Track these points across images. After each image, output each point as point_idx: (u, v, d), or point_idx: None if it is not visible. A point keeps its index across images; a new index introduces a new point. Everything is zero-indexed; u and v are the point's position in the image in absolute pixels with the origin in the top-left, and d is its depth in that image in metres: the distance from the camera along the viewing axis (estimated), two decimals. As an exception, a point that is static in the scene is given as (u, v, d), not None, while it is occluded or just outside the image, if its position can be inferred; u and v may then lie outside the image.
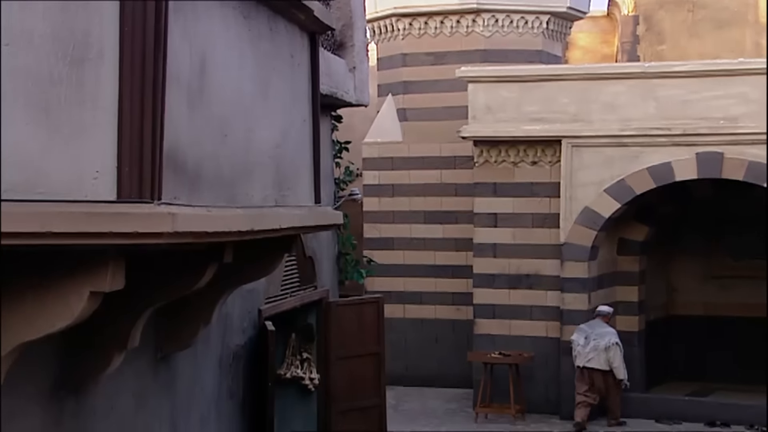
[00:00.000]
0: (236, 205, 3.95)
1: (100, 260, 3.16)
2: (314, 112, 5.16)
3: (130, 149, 3.10)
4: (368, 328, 9.06)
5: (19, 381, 3.73)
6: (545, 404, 12.87)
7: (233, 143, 3.97)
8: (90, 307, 3.25)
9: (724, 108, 12.21)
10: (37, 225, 2.88)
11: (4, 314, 3.20)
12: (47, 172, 3.01)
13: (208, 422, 6.03)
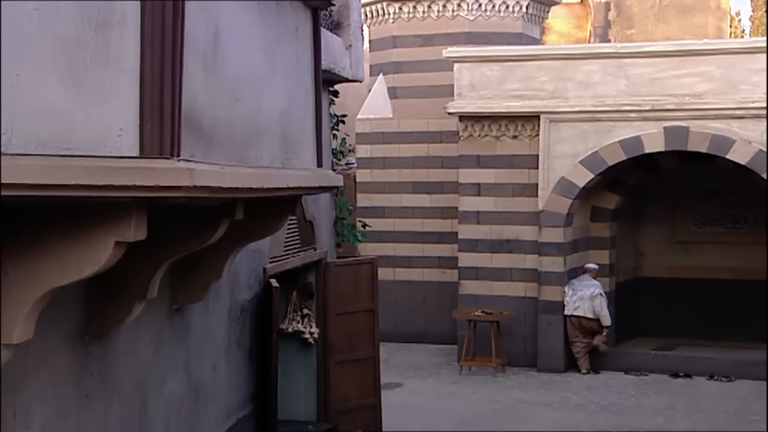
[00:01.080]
0: (247, 166, 3.95)
1: (124, 212, 3.16)
2: (316, 83, 5.14)
3: (151, 109, 3.09)
4: (363, 286, 9.06)
5: (50, 326, 3.75)
6: (524, 358, 12.95)
7: (244, 108, 3.96)
8: (115, 255, 3.25)
9: (690, 85, 12.20)
10: (66, 178, 2.87)
11: (36, 261, 3.20)
12: (75, 130, 3.00)
13: (219, 369, 6.06)
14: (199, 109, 3.44)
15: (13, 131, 2.89)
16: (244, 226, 4.51)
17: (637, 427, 10.15)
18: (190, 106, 3.32)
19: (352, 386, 8.90)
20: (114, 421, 4.53)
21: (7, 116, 2.88)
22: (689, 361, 12.82)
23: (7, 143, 2.87)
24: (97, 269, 3.24)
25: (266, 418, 6.88)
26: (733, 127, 12.05)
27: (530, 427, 10.14)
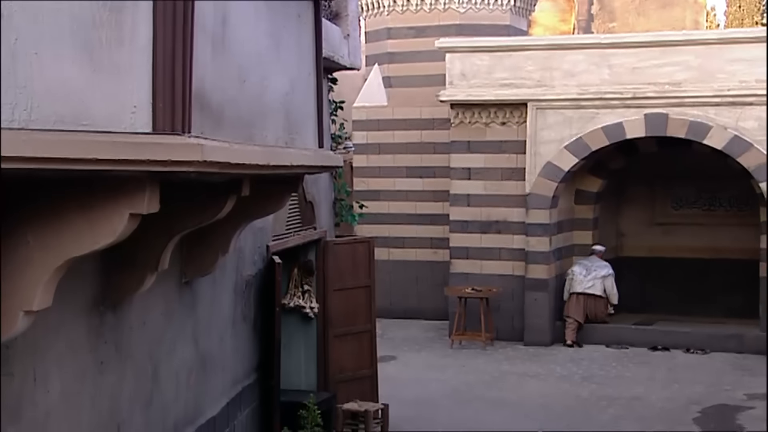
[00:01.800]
0: (253, 144, 3.95)
1: (138, 185, 3.15)
2: (317, 68, 5.13)
3: (163, 87, 3.08)
4: (360, 264, 9.07)
5: (67, 295, 3.75)
6: (511, 332, 12.98)
7: (250, 89, 3.96)
8: (129, 227, 3.24)
9: (669, 74, 12.20)
10: (84, 152, 2.86)
11: (55, 232, 3.19)
12: (91, 106, 2.99)
13: (225, 340, 6.08)
14: (208, 89, 3.43)
15: (32, 108, 2.88)
16: (250, 202, 4.51)
17: (618, 396, 10.20)
18: (199, 85, 3.31)
19: (350, 358, 8.92)
20: (127, 387, 4.54)
21: (26, 93, 2.86)
22: (667, 335, 12.88)
23: (27, 119, 2.86)
24: (112, 240, 3.24)
25: (270, 387, 6.90)
26: (710, 113, 12.05)
27: (517, 397, 10.18)
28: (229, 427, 6.12)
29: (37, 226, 3.21)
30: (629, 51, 12.40)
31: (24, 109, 2.85)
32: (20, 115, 2.85)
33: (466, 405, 9.84)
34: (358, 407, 8.59)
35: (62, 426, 3.89)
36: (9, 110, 2.83)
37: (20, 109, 2.85)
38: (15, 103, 2.83)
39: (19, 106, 2.84)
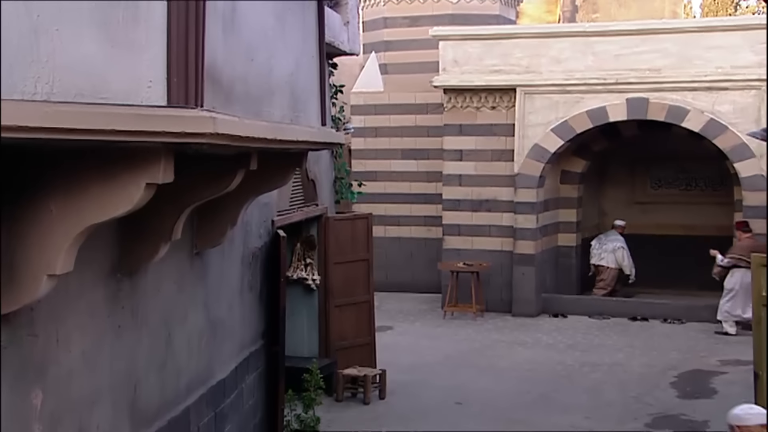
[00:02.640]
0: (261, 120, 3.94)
1: (154, 156, 3.14)
2: (320, 50, 5.12)
3: (177, 63, 3.07)
4: (359, 239, 9.10)
5: (87, 262, 3.74)
6: (500, 304, 13.02)
7: (258, 67, 3.94)
8: (146, 196, 3.23)
9: (650, 61, 12.17)
10: (103, 123, 2.85)
11: (76, 200, 3.18)
12: (109, 81, 2.98)
13: (233, 308, 6.09)
14: (219, 66, 3.42)
15: (54, 81, 2.86)
16: (257, 177, 4.51)
17: (601, 362, 10.26)
18: (211, 62, 3.30)
19: (349, 327, 8.98)
20: (143, 351, 4.55)
21: (48, 68, 2.85)
22: (646, 306, 12.94)
23: (49, 92, 2.85)
24: (130, 208, 3.23)
25: (275, 353, 6.92)
26: (688, 98, 12.04)
27: (506, 363, 10.23)
28: (238, 389, 6.14)
29: (59, 195, 3.20)
30: (612, 39, 12.36)
31: (46, 83, 2.84)
32: (42, 88, 2.83)
33: (458, 370, 9.89)
34: (358, 372, 8.65)
35: (84, 384, 3.90)
36: (32, 83, 2.82)
37: (42, 82, 2.84)
38: (38, 77, 2.82)
39: (42, 79, 2.83)
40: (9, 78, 2.78)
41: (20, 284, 3.23)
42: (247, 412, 6.37)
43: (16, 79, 2.79)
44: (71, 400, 3.81)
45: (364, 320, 9.17)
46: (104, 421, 4.12)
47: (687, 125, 12.08)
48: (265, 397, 6.82)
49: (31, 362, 3.50)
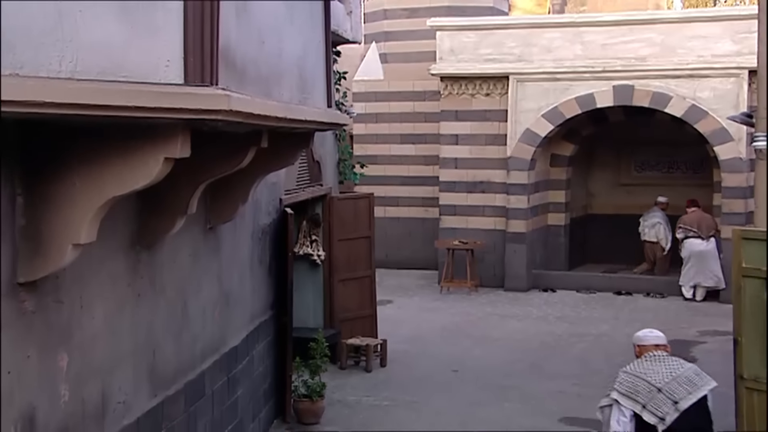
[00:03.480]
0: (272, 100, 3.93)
1: (172, 132, 3.14)
2: (326, 36, 5.10)
3: (193, 44, 3.06)
4: (361, 217, 9.10)
5: (108, 234, 3.75)
6: (493, 279, 13.04)
7: (269, 50, 3.92)
8: (164, 170, 3.23)
9: (635, 50, 12.12)
10: (124, 100, 2.85)
11: (98, 174, 3.19)
12: (129, 60, 2.97)
13: (244, 280, 6.11)
14: (232, 48, 3.41)
15: (77, 60, 2.86)
16: (267, 155, 4.51)
17: (587, 333, 10.30)
18: (225, 44, 3.29)
19: (352, 300, 9.00)
20: (161, 318, 4.57)
21: (72, 47, 2.84)
22: (630, 281, 12.96)
23: (73, 70, 2.85)
24: (149, 181, 3.23)
25: (283, 323, 6.95)
26: (671, 85, 12.01)
27: (499, 334, 10.27)
28: (249, 356, 6.17)
29: (82, 169, 3.20)
30: (600, 29, 12.31)
31: (70, 61, 2.83)
32: (66, 66, 2.83)
33: (454, 341, 9.92)
34: (360, 342, 8.69)
35: (106, 348, 3.92)
36: (57, 62, 2.81)
37: (67, 61, 2.83)
38: (62, 56, 2.81)
39: (66, 58, 2.83)
40: (35, 56, 2.78)
41: (46, 253, 3.24)
42: (257, 377, 6.41)
43: (42, 58, 2.79)
44: (95, 363, 3.83)
45: (366, 294, 9.20)
46: (126, 383, 4.15)
47: (670, 111, 12.05)
48: (274, 364, 6.86)
49: (57, 327, 3.51)
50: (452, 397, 7.73)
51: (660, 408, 4.33)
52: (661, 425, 4.33)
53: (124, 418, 4.11)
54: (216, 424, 5.41)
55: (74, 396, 3.64)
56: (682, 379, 4.43)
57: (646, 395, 4.37)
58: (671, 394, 4.36)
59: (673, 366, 4.51)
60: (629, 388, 4.43)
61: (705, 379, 4.50)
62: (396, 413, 7.26)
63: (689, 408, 4.34)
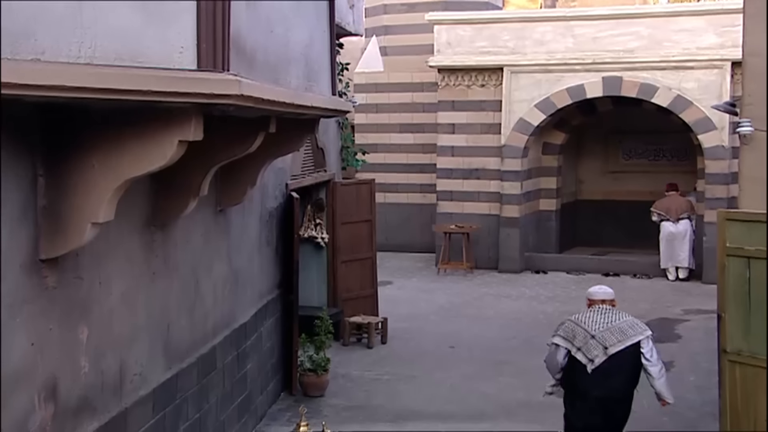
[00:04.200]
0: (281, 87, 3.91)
1: (186, 116, 3.13)
2: (331, 27, 5.07)
3: (206, 32, 3.05)
4: (363, 202, 9.10)
5: (125, 214, 3.75)
6: (488, 261, 13.04)
7: (277, 39, 3.91)
8: (178, 152, 3.23)
9: (623, 43, 12.07)
10: (140, 84, 2.84)
11: (116, 156, 3.18)
12: (145, 47, 2.96)
13: (253, 259, 6.11)
14: (243, 36, 3.39)
15: (96, 46, 2.85)
16: (275, 140, 4.50)
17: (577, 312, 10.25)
18: (236, 32, 3.27)
19: (354, 280, 9.01)
20: (175, 295, 4.58)
21: (90, 34, 2.83)
22: (617, 263, 12.96)
23: (92, 55, 2.84)
24: (164, 163, 3.23)
25: (290, 301, 6.96)
26: (657, 76, 11.97)
27: (493, 313, 10.29)
28: (257, 332, 6.19)
29: (100, 152, 3.20)
30: (590, 23, 12.25)
31: (89, 47, 2.82)
32: (85, 52, 2.82)
33: (450, 319, 9.94)
34: (362, 320, 8.70)
35: (123, 323, 3.93)
36: (77, 48, 2.80)
37: (85, 47, 2.82)
38: (81, 42, 2.80)
39: (85, 44, 2.82)
40: (56, 43, 2.77)
41: (67, 231, 3.24)
42: (265, 352, 6.43)
43: (62, 44, 2.78)
44: (113, 336, 3.84)
45: (368, 274, 9.20)
46: (142, 356, 4.16)
47: (656, 101, 12.02)
48: (281, 340, 6.88)
49: (77, 302, 3.52)
50: (449, 371, 7.76)
51: (591, 351, 4.92)
52: (590, 365, 4.92)
53: (140, 389, 4.13)
54: (227, 396, 5.44)
55: (94, 368, 3.66)
56: (615, 330, 4.96)
57: (582, 340, 4.97)
58: (603, 341, 4.93)
59: (612, 318, 5.04)
60: (569, 334, 5.05)
61: (638, 329, 4.99)
62: (396, 386, 7.29)
63: (617, 352, 4.89)
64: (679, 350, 8.52)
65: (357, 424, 6.29)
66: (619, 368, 4.91)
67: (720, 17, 11.74)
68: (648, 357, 4.93)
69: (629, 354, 4.92)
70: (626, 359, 4.92)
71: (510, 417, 6.58)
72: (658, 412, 6.66)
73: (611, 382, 4.91)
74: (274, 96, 3.44)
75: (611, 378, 4.90)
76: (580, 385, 4.97)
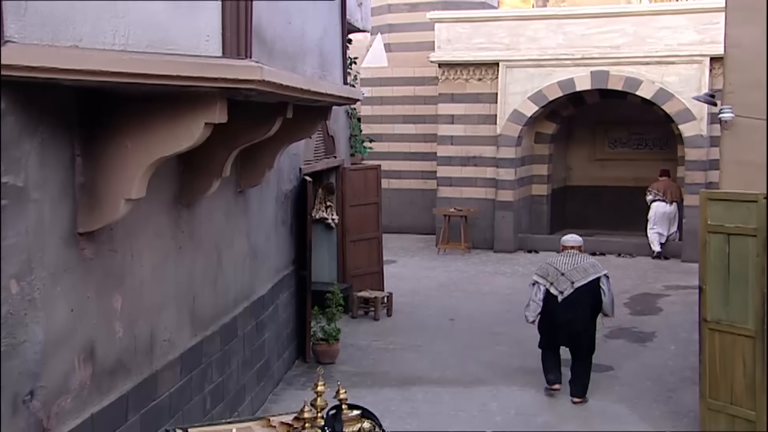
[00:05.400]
0: (296, 74, 3.89)
1: (211, 100, 3.12)
2: (342, 21, 5.03)
3: (230, 21, 3.02)
4: (370, 186, 9.09)
5: (154, 193, 3.75)
6: (484, 242, 13.04)
7: (294, 30, 3.88)
8: (204, 134, 3.21)
9: (610, 39, 11.98)
10: (170, 69, 2.83)
11: (147, 137, 3.18)
12: (174, 35, 2.94)
13: (270, 237, 6.12)
14: (263, 26, 3.37)
15: (129, 34, 2.83)
16: (291, 126, 4.48)
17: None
18: (257, 22, 3.25)
19: (362, 258, 9.02)
20: (199, 268, 4.59)
21: (124, 23, 2.82)
22: (603, 243, 12.93)
23: (125, 43, 2.82)
24: (191, 144, 3.22)
25: (303, 276, 6.97)
26: (641, 71, 11.90)
27: (489, 289, 10.30)
28: (274, 304, 6.20)
29: (133, 133, 3.19)
30: (579, 21, 12.16)
31: (123, 35, 2.81)
32: (119, 40, 2.81)
33: (450, 294, 9.96)
34: (369, 294, 8.72)
35: (153, 293, 3.94)
36: (111, 35, 2.79)
37: (119, 35, 2.81)
38: (116, 30, 2.79)
39: (119, 32, 2.80)
40: (93, 31, 2.75)
41: (102, 207, 3.24)
42: (281, 323, 6.45)
43: (98, 32, 2.76)
44: (144, 305, 3.86)
45: (374, 253, 9.22)
46: (170, 323, 4.18)
47: (640, 93, 11.96)
48: (296, 311, 6.89)
49: (112, 272, 3.53)
50: (449, 341, 7.78)
51: (561, 285, 5.93)
52: (560, 296, 5.92)
53: (169, 354, 4.15)
54: (247, 362, 5.46)
55: (127, 333, 3.68)
56: (579, 269, 5.96)
57: (554, 277, 5.96)
58: (570, 277, 5.92)
59: (577, 260, 6.03)
60: (544, 272, 6.06)
61: (597, 269, 5.99)
62: (401, 355, 7.31)
63: (581, 286, 5.88)
64: (660, 322, 8.53)
65: (366, 389, 6.32)
66: (581, 299, 5.87)
67: (699, 15, 11.66)
68: (604, 289, 5.93)
69: (590, 287, 5.87)
70: (588, 292, 5.87)
71: (506, 381, 6.60)
72: (641, 378, 6.70)
73: (575, 309, 5.89)
74: (293, 82, 3.42)
75: (576, 306, 5.88)
76: (552, 311, 5.94)
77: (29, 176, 2.89)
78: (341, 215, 8.64)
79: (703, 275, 4.90)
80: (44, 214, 2.99)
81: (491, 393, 6.31)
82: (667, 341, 7.79)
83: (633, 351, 7.51)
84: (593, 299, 5.91)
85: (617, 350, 7.50)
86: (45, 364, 3.02)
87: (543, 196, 13.72)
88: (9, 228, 2.79)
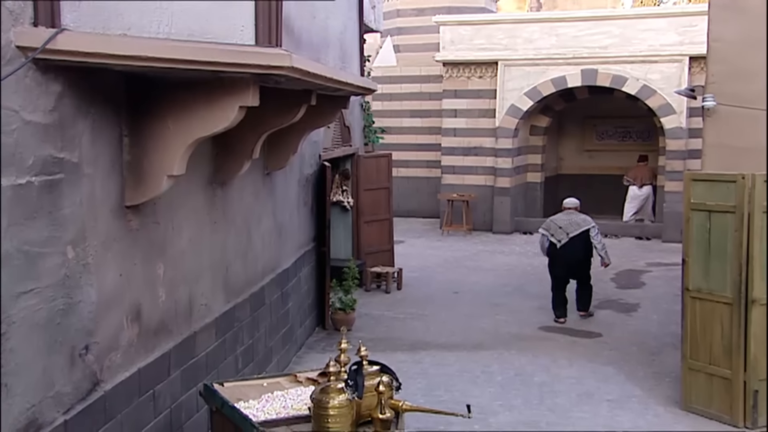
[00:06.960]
0: (320, 65, 3.86)
1: (245, 84, 3.09)
2: (360, 18, 5.00)
3: (262, 13, 3.00)
4: (382, 172, 9.06)
5: (192, 172, 3.75)
6: (483, 224, 13.00)
7: (318, 23, 3.85)
8: (238, 116, 3.19)
9: (599, 40, 11.87)
10: (209, 56, 2.80)
11: (187, 119, 3.16)
12: (213, 25, 2.92)
13: (294, 217, 6.11)
14: (292, 19, 3.34)
15: (172, 24, 2.81)
16: (314, 113, 4.45)
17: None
18: (287, 15, 3.22)
19: (375, 237, 9.01)
20: (231, 241, 4.59)
21: (167, 14, 2.80)
22: (591, 226, 12.89)
23: (168, 32, 2.80)
24: (227, 125, 3.20)
25: (323, 253, 6.97)
26: (627, 69, 11.78)
27: (489, 265, 10.28)
28: (297, 277, 6.21)
29: (174, 114, 3.18)
30: (571, 24, 12.04)
31: (167, 25, 2.79)
32: (164, 29, 2.79)
33: (453, 270, 9.95)
34: (381, 270, 8.72)
35: (191, 262, 3.95)
36: (156, 25, 2.77)
37: (164, 24, 2.79)
38: (160, 20, 2.77)
39: (163, 22, 2.78)
40: (140, 20, 2.74)
41: (147, 182, 3.24)
42: (303, 293, 6.45)
43: (144, 22, 2.75)
44: (183, 273, 3.86)
45: (386, 233, 9.21)
46: (206, 290, 4.19)
47: (626, 89, 11.85)
48: (316, 284, 6.90)
49: (155, 242, 3.53)
50: (454, 311, 7.78)
51: (559, 236, 7.12)
52: (558, 244, 7.09)
53: (206, 318, 4.16)
54: (273, 327, 5.48)
55: (169, 297, 3.68)
56: (573, 223, 7.12)
57: (554, 230, 7.15)
58: (566, 229, 7.09)
59: (572, 217, 7.20)
60: (547, 226, 7.24)
61: (588, 223, 7.13)
62: (410, 323, 7.32)
63: (575, 236, 7.05)
64: (643, 294, 8.50)
65: (379, 352, 6.32)
66: (576, 244, 7.06)
67: (680, 19, 11.56)
68: (594, 238, 7.06)
69: (582, 237, 7.06)
70: (580, 239, 7.05)
71: (505, 347, 6.60)
72: (627, 344, 6.68)
73: (572, 252, 7.07)
74: (318, 70, 3.40)
75: (572, 249, 7.06)
76: (554, 255, 7.18)
77: (83, 153, 2.89)
78: (356, 198, 8.63)
79: (686, 248, 4.87)
80: (95, 187, 2.99)
81: (492, 356, 6.31)
82: (650, 311, 7.77)
83: (620, 320, 7.49)
84: (585, 244, 7.08)
85: (605, 319, 7.48)
86: (98, 322, 3.03)
87: (537, 183, 13.65)
88: (65, 198, 2.79)
